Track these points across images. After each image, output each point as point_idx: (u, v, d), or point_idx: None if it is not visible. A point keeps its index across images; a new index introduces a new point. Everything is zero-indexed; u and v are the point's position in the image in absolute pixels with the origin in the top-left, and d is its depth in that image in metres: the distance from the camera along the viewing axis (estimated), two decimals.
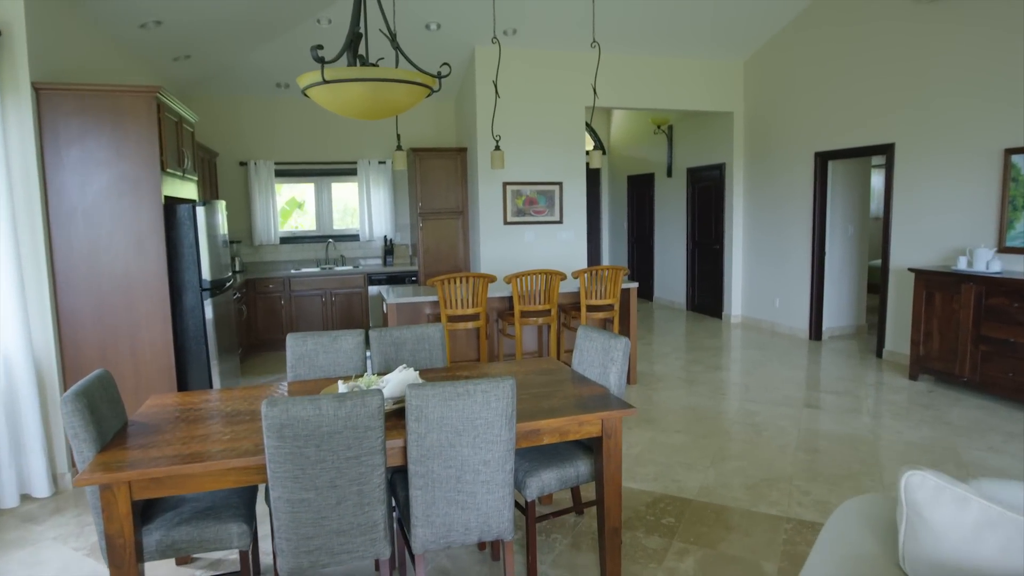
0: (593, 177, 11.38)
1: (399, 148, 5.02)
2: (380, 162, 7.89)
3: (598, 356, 2.86)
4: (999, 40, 5.04)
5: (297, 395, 2.49)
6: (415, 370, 2.68)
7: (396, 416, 2.35)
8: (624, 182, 10.83)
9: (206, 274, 4.25)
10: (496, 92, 5.31)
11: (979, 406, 4.76)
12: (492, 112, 5.85)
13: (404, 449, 2.16)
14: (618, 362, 2.73)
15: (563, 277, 4.95)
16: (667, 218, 9.62)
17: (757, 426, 4.43)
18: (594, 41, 5.45)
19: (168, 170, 4.14)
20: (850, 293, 7.38)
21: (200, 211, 4.18)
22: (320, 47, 2.16)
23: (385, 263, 7.89)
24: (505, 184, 7.12)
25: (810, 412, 4.69)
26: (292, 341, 3.02)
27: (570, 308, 5.38)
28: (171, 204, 4.12)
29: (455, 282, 4.76)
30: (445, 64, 2.76)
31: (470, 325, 4.87)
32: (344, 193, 8.10)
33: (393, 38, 2.73)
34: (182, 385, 4.28)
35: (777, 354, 6.48)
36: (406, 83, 2.38)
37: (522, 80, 7.04)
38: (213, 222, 4.43)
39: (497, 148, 5.36)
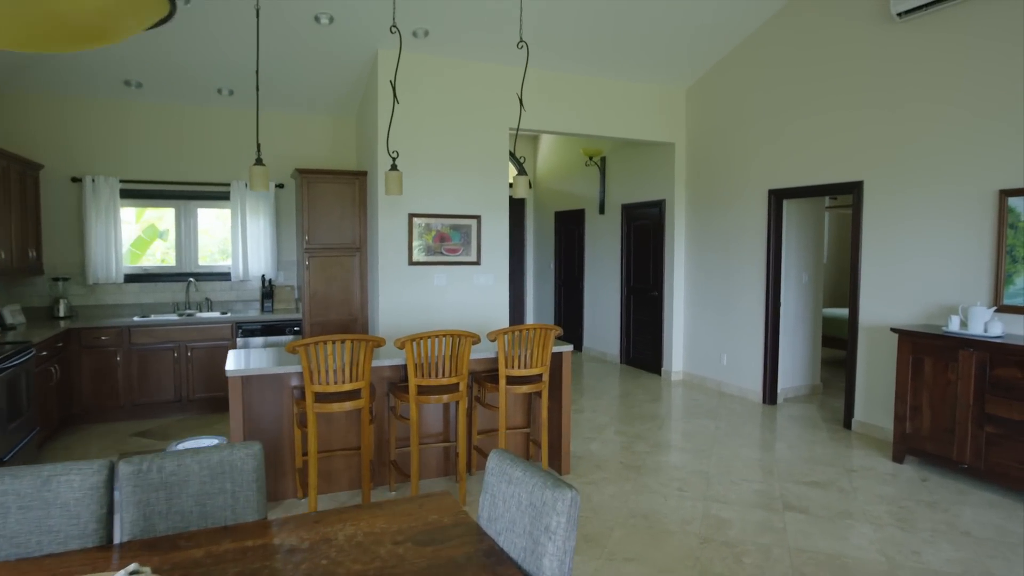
0: (517, 212, 10.32)
1: (258, 162, 3.70)
2: None
3: (523, 517, 1.62)
4: (991, 63, 4.32)
5: None
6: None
7: None
8: (551, 218, 9.81)
9: None
10: (395, 96, 4.09)
11: (991, 503, 3.83)
12: (389, 122, 4.56)
13: None
14: (559, 536, 1.50)
15: (476, 340, 3.72)
16: (599, 260, 8.61)
17: (733, 545, 3.29)
18: (521, 41, 4.37)
19: None
20: (805, 349, 6.52)
21: None
22: None
23: (263, 309, 6.41)
24: (412, 216, 5.87)
25: (795, 519, 3.60)
26: None
27: (486, 377, 4.14)
28: None
29: (325, 347, 3.43)
30: None
31: (348, 406, 3.53)
32: (213, 221, 6.60)
33: None
34: None
35: (732, 424, 5.46)
36: None
37: (434, 93, 5.88)
38: None
39: (394, 167, 4.12)
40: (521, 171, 4.58)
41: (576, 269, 9.17)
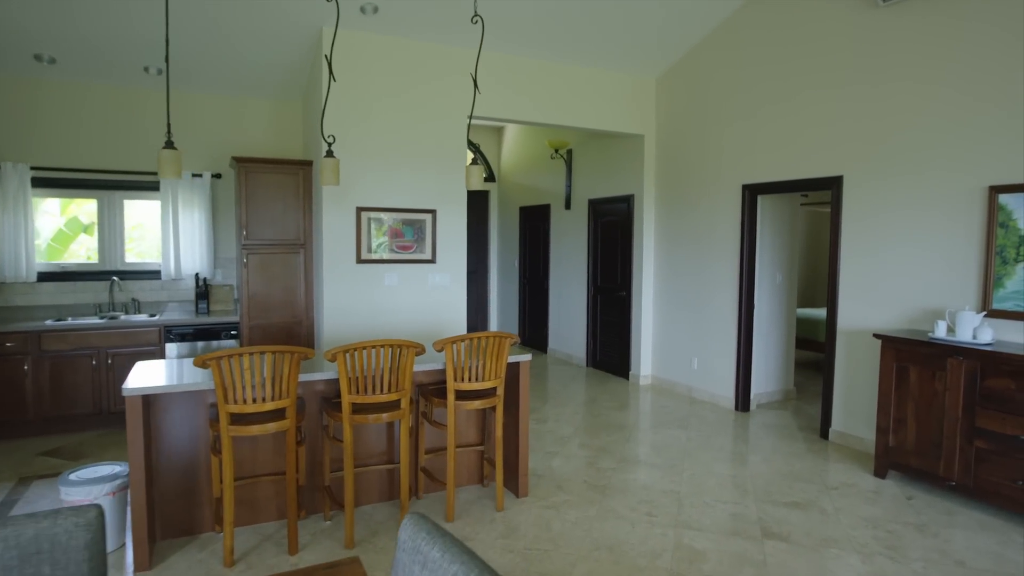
0: (480, 207, 9.88)
1: (168, 145, 3.15)
2: (195, 175, 5.90)
3: None
4: (982, 49, 4.01)
5: None
6: None
7: None
8: (516, 214, 9.38)
9: None
10: (330, 73, 3.60)
11: (983, 525, 3.53)
12: (323, 102, 4.02)
13: None
14: None
15: (420, 351, 3.27)
16: (565, 257, 8.22)
17: None
18: (476, 15, 3.92)
19: None
20: (778, 353, 6.22)
21: None
22: None
23: (197, 311, 5.85)
24: (360, 210, 5.38)
25: (775, 548, 3.24)
26: None
27: (434, 391, 3.70)
28: None
29: (241, 360, 2.94)
30: None
31: (271, 427, 3.05)
32: (145, 214, 6.00)
33: None
34: None
35: (704, 435, 5.11)
36: None
37: (385, 77, 5.39)
38: None
39: (330, 154, 3.64)
40: (477, 161, 4.12)
41: (541, 267, 8.76)
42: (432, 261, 5.69)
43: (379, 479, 3.78)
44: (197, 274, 5.85)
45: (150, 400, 3.21)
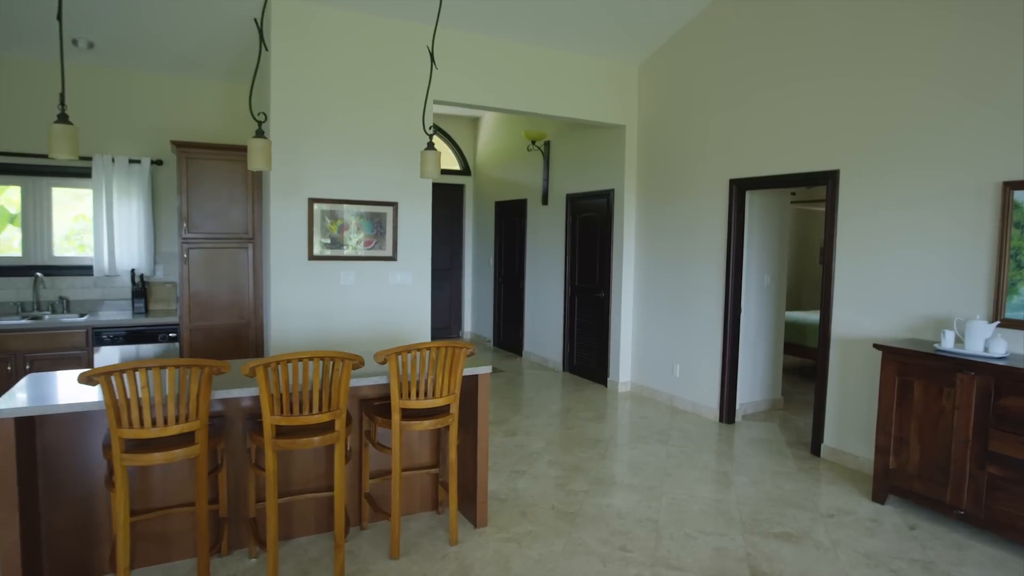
0: (456, 202, 9.41)
1: (61, 119, 2.65)
2: (133, 161, 5.37)
3: None
4: (994, 28, 3.61)
5: None
6: None
7: None
8: (492, 209, 8.92)
9: None
10: (261, 39, 3.11)
11: (997, 562, 3.13)
12: (252, 76, 3.45)
13: None
14: None
15: (358, 363, 2.80)
16: (541, 255, 7.77)
17: None
18: None
19: None
20: (766, 360, 5.82)
21: None
22: None
23: (134, 311, 5.32)
24: (312, 201, 4.89)
25: None
26: None
27: (379, 408, 3.23)
28: None
29: (136, 376, 2.45)
30: None
31: (178, 454, 2.57)
32: (73, 202, 5.46)
33: None
34: None
35: (686, 451, 4.69)
36: None
37: (343, 56, 4.90)
38: None
39: (259, 134, 3.15)
40: (431, 145, 3.67)
41: (517, 266, 8.30)
42: (393, 258, 5.21)
43: (317, 507, 3.31)
44: (133, 270, 5.32)
45: (35, 422, 2.71)
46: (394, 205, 5.18)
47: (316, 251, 4.93)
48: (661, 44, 6.00)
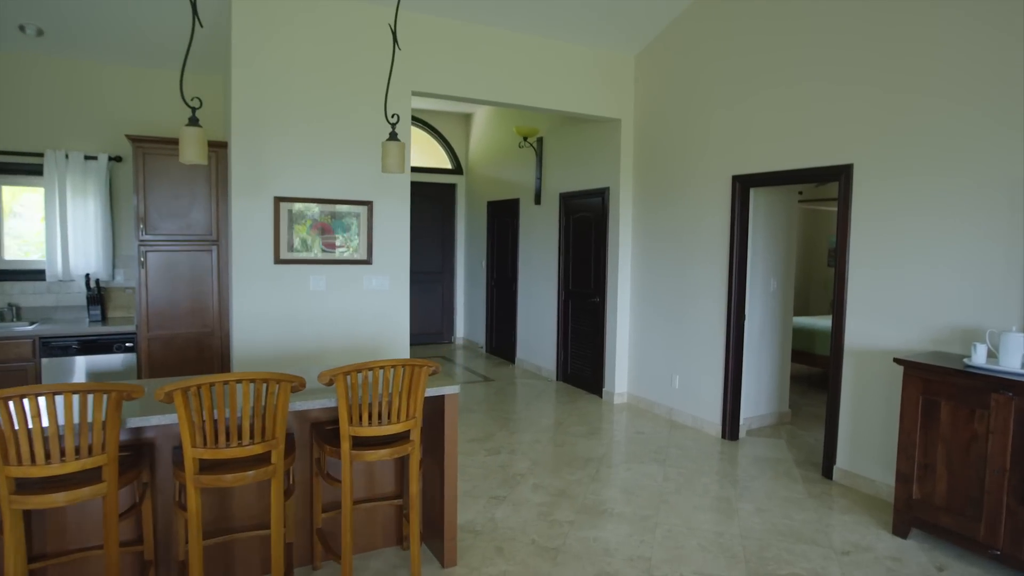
0: (446, 202, 9.03)
1: (193, 121, 2.27)
2: (89, 157, 4.99)
3: None
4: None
5: None
6: None
7: None
8: (485, 209, 8.53)
9: None
10: (195, 13, 2.72)
11: None
12: (183, 56, 2.96)
13: None
14: None
15: (298, 386, 2.40)
16: (534, 258, 7.37)
17: None
18: None
19: None
20: (772, 371, 5.40)
21: None
22: None
23: (90, 319, 4.94)
24: (279, 200, 4.50)
25: None
26: None
27: (328, 436, 2.83)
28: None
29: (25, 403, 2.06)
30: None
31: (84, 493, 2.18)
32: (23, 202, 5.08)
33: None
34: None
35: (685, 473, 4.28)
36: None
37: (312, 44, 4.52)
38: None
39: (193, 122, 2.77)
40: (394, 135, 3.28)
41: (510, 269, 7.90)
42: (368, 262, 4.82)
43: (263, 547, 2.91)
44: (88, 275, 4.94)
45: None
46: (369, 204, 4.79)
47: (283, 254, 4.54)
48: (658, 32, 5.60)
